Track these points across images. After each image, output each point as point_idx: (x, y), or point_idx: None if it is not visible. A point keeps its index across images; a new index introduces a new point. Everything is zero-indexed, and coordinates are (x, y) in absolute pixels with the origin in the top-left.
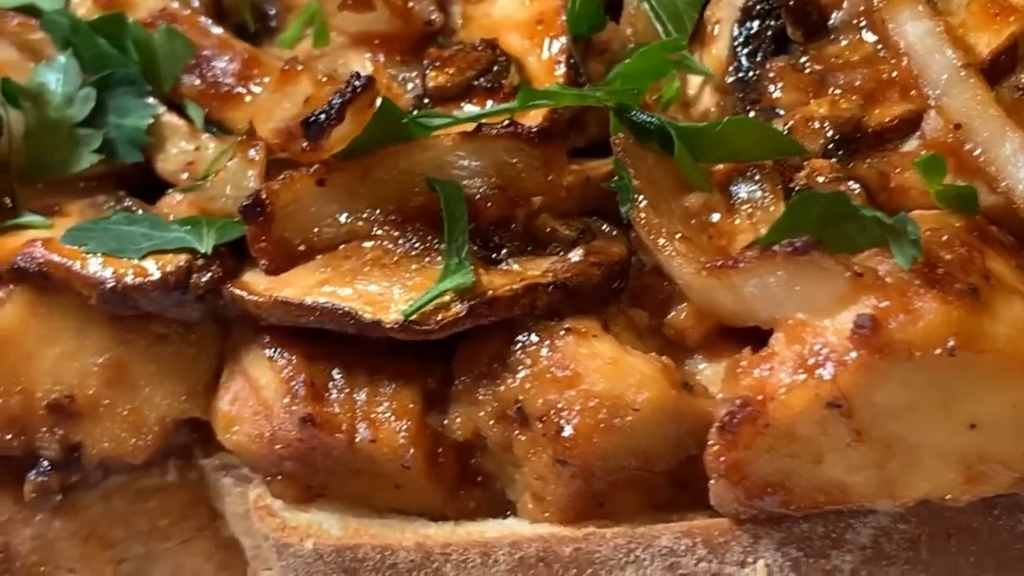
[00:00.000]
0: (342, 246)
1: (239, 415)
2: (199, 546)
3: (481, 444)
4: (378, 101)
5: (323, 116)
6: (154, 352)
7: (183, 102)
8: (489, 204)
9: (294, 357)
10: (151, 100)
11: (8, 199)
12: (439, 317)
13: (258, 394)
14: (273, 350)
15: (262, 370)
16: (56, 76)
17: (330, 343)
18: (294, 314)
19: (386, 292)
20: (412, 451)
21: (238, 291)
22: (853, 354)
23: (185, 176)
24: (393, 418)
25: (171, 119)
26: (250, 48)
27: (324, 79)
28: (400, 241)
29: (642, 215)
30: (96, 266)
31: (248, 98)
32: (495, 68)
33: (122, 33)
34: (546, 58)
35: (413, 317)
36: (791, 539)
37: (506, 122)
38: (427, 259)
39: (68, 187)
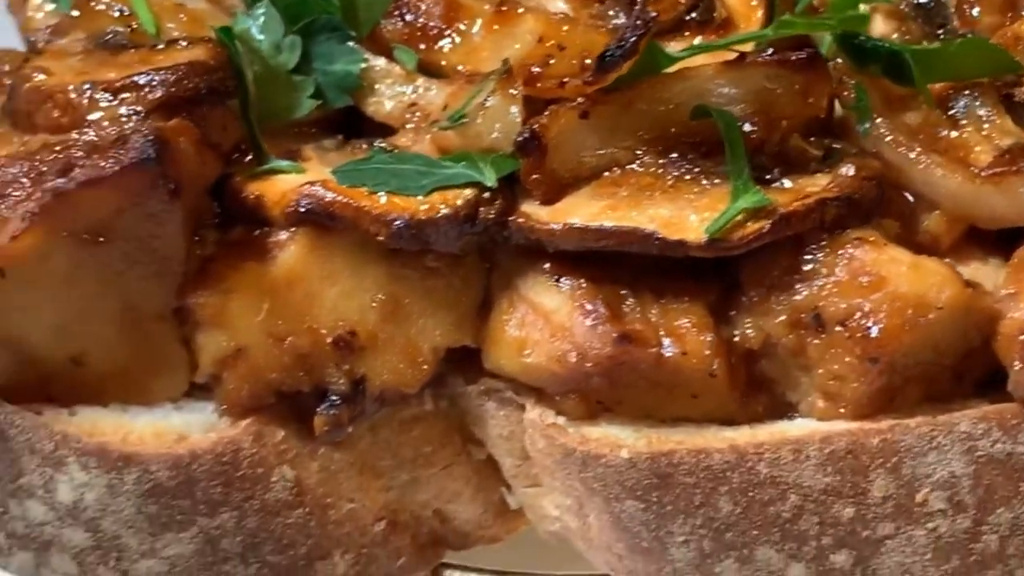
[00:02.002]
0: (605, 174)
1: (530, 338)
2: (459, 470)
3: (768, 351)
4: None
5: (619, 51)
6: (426, 285)
7: (390, 46)
8: (752, 128)
9: (581, 281)
10: (355, 45)
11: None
12: (740, 234)
13: (550, 318)
14: (556, 276)
15: (548, 296)
16: (256, 25)
17: (607, 267)
18: (591, 239)
19: (678, 214)
20: (717, 361)
21: (527, 221)
22: None
23: (416, 117)
24: (696, 331)
25: (380, 63)
26: None
27: (559, 17)
28: (668, 167)
29: (889, 132)
30: (385, 204)
31: (457, 39)
32: (704, 1)
33: None
34: None
35: (717, 235)
36: None
37: (771, 50)
38: (704, 182)
39: (284, 133)
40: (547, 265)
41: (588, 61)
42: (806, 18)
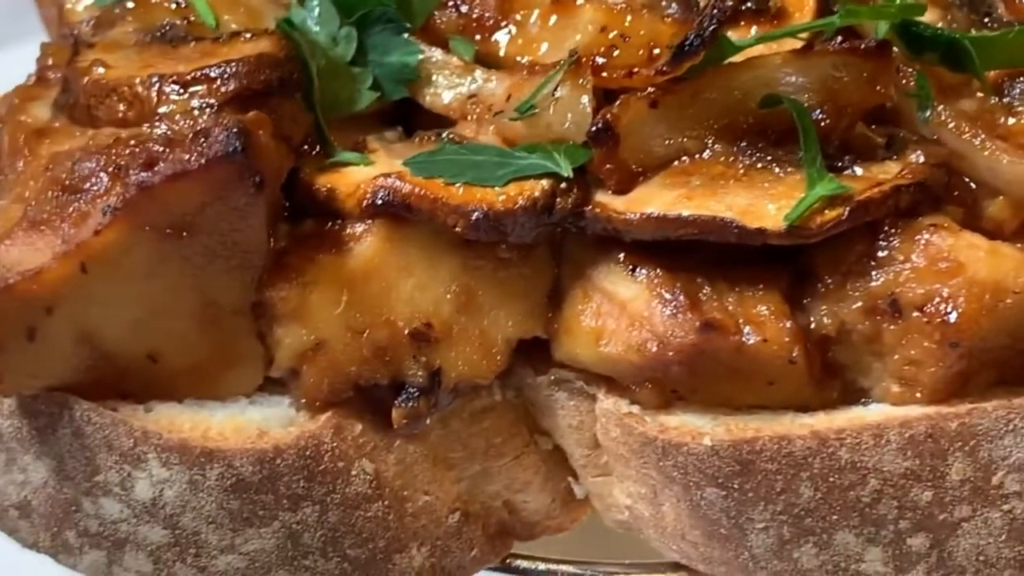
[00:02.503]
0: (675, 163)
1: (607, 328)
2: (529, 460)
3: (842, 337)
4: None
5: (697, 40)
6: (498, 276)
7: (445, 37)
8: (820, 117)
9: (657, 270)
10: (409, 37)
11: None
12: (819, 221)
13: (627, 307)
14: (631, 266)
15: (624, 285)
16: (312, 17)
17: (678, 256)
18: (669, 228)
19: (754, 203)
20: (797, 348)
21: (604, 211)
22: None
23: (478, 109)
24: (774, 318)
25: (437, 54)
26: None
27: (621, 7)
28: (739, 156)
29: (951, 119)
30: (462, 195)
31: (514, 30)
32: None
33: None
34: None
35: (796, 223)
36: None
37: (840, 39)
38: (776, 170)
39: (343, 126)
40: (621, 255)
41: (656, 51)
42: (869, 6)
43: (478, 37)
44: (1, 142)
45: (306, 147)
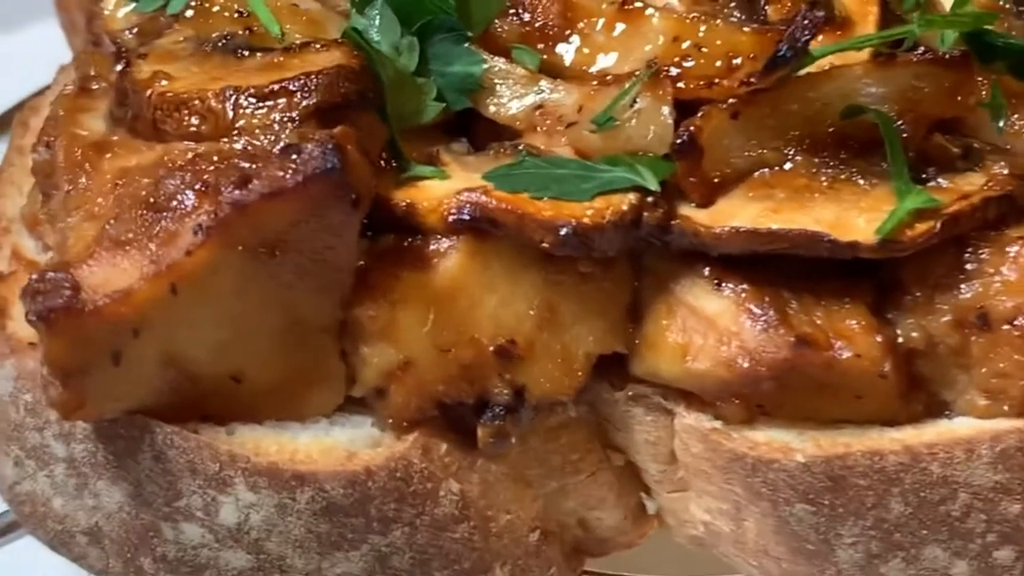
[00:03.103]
0: (756, 175)
1: (693, 344)
2: (604, 477)
3: (928, 350)
4: None
5: (790, 52)
6: (580, 291)
7: (507, 46)
8: (902, 127)
9: (744, 284)
10: (470, 46)
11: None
12: (911, 235)
13: (714, 323)
14: (716, 280)
15: (710, 300)
16: (373, 26)
17: (762, 270)
18: (758, 242)
19: (843, 216)
20: (888, 362)
21: (690, 224)
22: None
23: (548, 121)
24: (864, 333)
25: (500, 64)
26: None
27: (694, 17)
28: (822, 168)
29: None
30: (550, 210)
31: (579, 39)
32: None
33: None
34: None
35: (888, 236)
36: None
37: (922, 49)
38: (861, 182)
39: (409, 138)
40: (706, 269)
41: (736, 61)
42: (944, 15)
43: (541, 46)
44: (55, 156)
45: (381, 161)
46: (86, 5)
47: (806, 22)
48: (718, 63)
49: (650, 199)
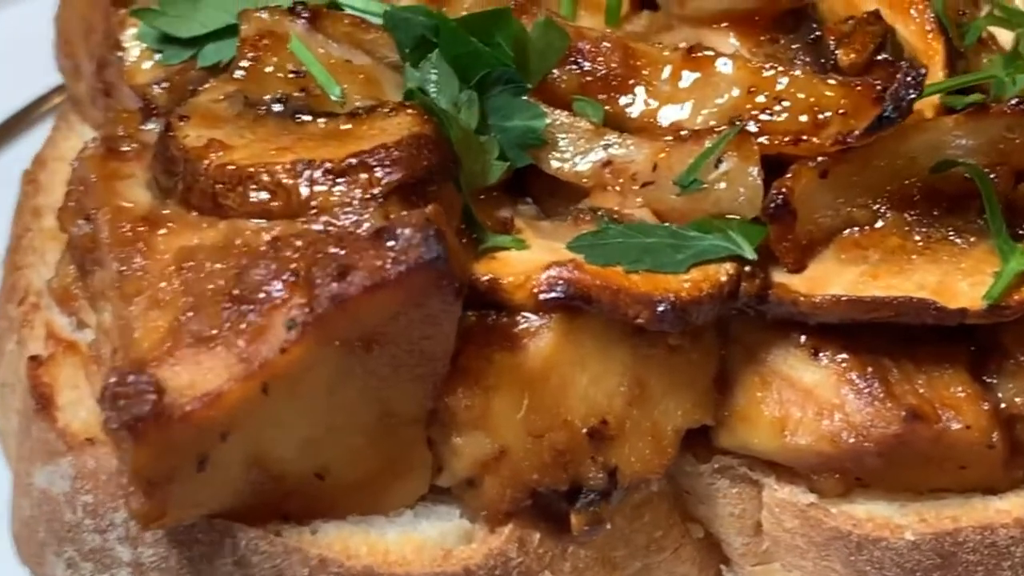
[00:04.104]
0: (845, 233)
1: (791, 418)
2: (687, 552)
3: None
4: None
5: (895, 113)
6: (669, 364)
7: (567, 98)
8: (998, 183)
9: (842, 354)
10: (530, 99)
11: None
12: (1018, 299)
13: (813, 395)
14: (814, 349)
15: (807, 370)
16: (431, 81)
17: (859, 336)
18: (861, 311)
19: (945, 280)
20: (996, 432)
21: (788, 294)
22: None
23: (620, 180)
24: (970, 401)
25: (562, 117)
26: (618, 34)
27: (770, 67)
28: (915, 226)
29: None
30: (645, 284)
31: (645, 89)
32: (890, 39)
33: (497, 29)
34: (914, 27)
35: (997, 301)
36: None
37: (1015, 100)
38: (958, 241)
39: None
40: (801, 338)
41: (823, 115)
42: None
43: (602, 97)
44: (98, 230)
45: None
46: (98, 52)
47: (909, 79)
48: (803, 117)
49: (747, 269)
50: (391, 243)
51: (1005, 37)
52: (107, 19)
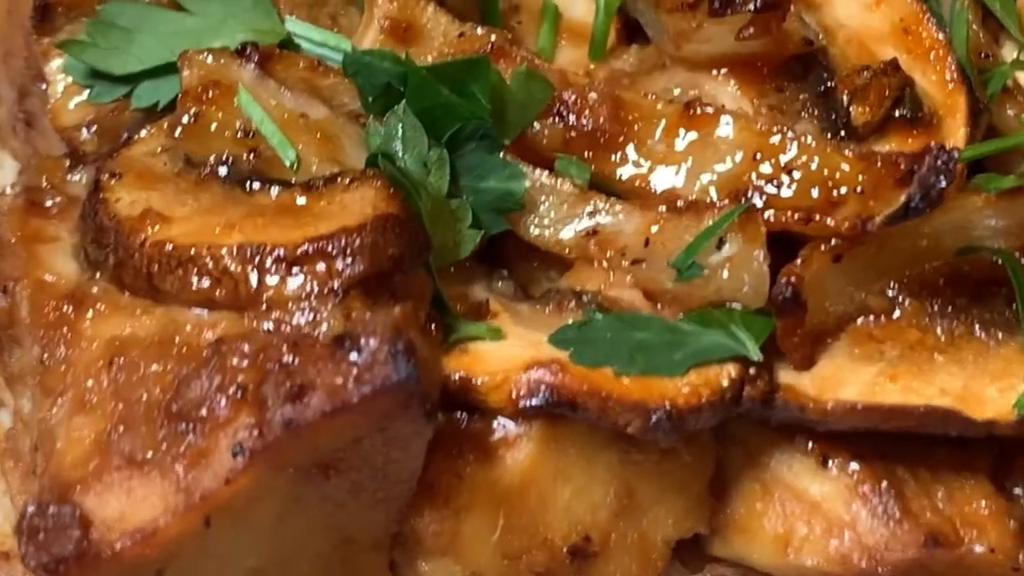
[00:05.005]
0: (859, 322)
1: (795, 533)
2: None
3: None
4: None
5: (923, 204)
6: (660, 468)
7: (549, 155)
8: None
9: (853, 463)
10: (507, 156)
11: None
12: None
13: (821, 508)
14: (822, 456)
15: (814, 480)
16: (397, 138)
17: (872, 440)
18: (877, 419)
19: (971, 384)
20: (1022, 553)
21: (795, 397)
22: None
23: (608, 254)
24: (995, 520)
25: (543, 178)
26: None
27: (761, 127)
28: (936, 317)
29: None
30: (638, 390)
31: (636, 148)
32: (908, 93)
33: (472, 78)
34: (935, 77)
35: None
36: None
37: None
38: (983, 336)
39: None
40: (810, 444)
41: (838, 192)
42: None
43: (588, 154)
44: (16, 306)
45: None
46: (19, 80)
47: (940, 163)
48: (814, 191)
49: (751, 371)
50: (354, 356)
51: None
52: (29, 46)
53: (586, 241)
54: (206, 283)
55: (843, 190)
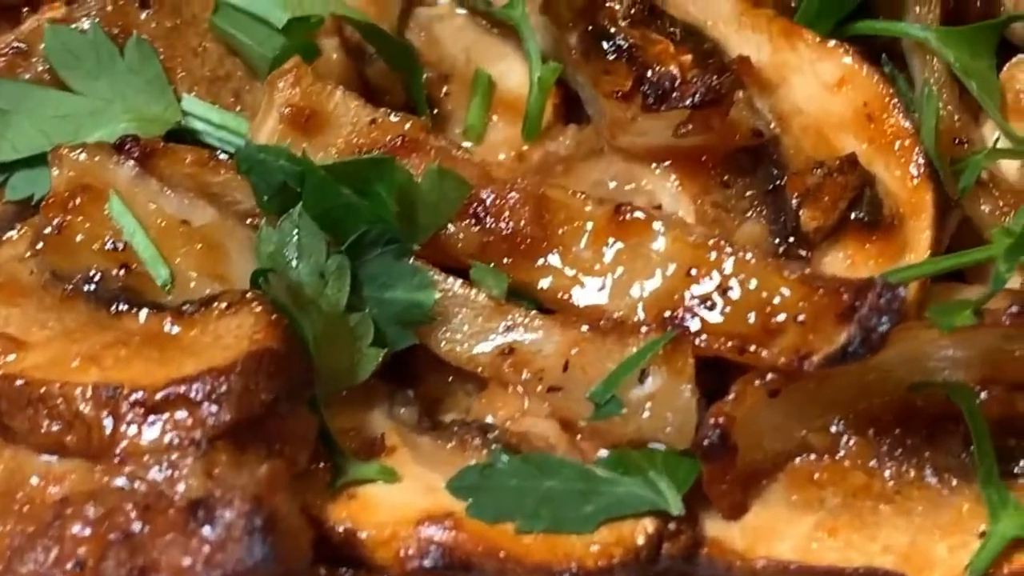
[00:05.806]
0: (798, 461)
1: None
2: None
3: None
4: None
5: (864, 347)
6: None
7: (464, 262)
8: (991, 403)
9: None
10: (416, 262)
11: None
12: (1009, 571)
13: None
14: None
15: None
16: (291, 245)
17: None
18: None
19: (918, 541)
20: None
21: (722, 554)
22: None
23: (524, 376)
24: None
25: (456, 288)
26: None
27: (697, 239)
28: (884, 460)
29: None
30: (541, 549)
31: (560, 254)
32: (866, 194)
33: (377, 177)
34: (899, 172)
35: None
36: None
37: (1015, 308)
38: (935, 483)
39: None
40: None
41: (777, 318)
42: None
43: (507, 260)
44: None
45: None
46: None
47: (883, 302)
48: (751, 317)
49: (672, 526)
50: (207, 531)
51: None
52: None
53: (501, 360)
54: (56, 427)
55: (782, 317)
